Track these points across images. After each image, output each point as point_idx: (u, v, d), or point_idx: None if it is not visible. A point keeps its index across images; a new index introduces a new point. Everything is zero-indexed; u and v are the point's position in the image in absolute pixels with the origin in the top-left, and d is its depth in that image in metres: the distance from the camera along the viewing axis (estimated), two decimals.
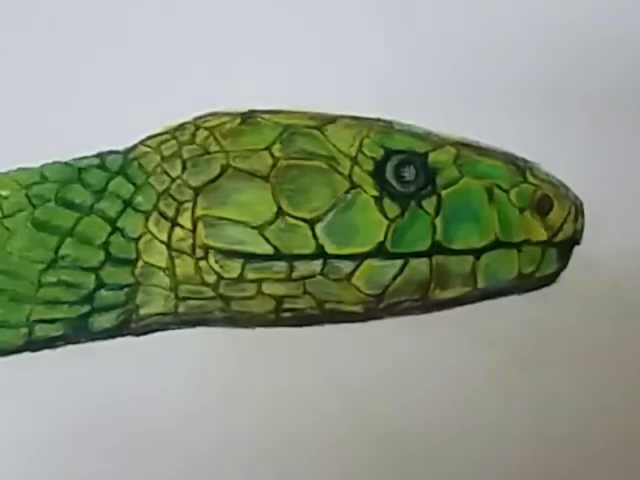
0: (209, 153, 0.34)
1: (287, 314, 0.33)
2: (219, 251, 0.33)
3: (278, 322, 0.33)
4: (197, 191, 0.33)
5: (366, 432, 0.33)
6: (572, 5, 0.35)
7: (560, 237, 0.34)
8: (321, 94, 0.34)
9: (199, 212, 0.33)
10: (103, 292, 0.33)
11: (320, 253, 0.32)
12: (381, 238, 0.33)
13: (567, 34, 0.35)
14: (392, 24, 0.34)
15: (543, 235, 0.33)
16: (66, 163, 0.34)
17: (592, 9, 0.35)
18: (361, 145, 0.33)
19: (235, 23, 0.35)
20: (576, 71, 0.35)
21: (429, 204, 0.33)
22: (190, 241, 0.33)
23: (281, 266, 0.33)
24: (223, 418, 0.33)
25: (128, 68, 0.35)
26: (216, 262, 0.33)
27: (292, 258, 0.32)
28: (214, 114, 0.35)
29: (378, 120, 0.34)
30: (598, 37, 0.35)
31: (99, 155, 0.34)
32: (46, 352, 0.34)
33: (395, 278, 0.33)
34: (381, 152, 0.33)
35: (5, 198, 0.34)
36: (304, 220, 0.32)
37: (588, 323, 0.34)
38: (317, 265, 0.32)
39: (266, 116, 0.34)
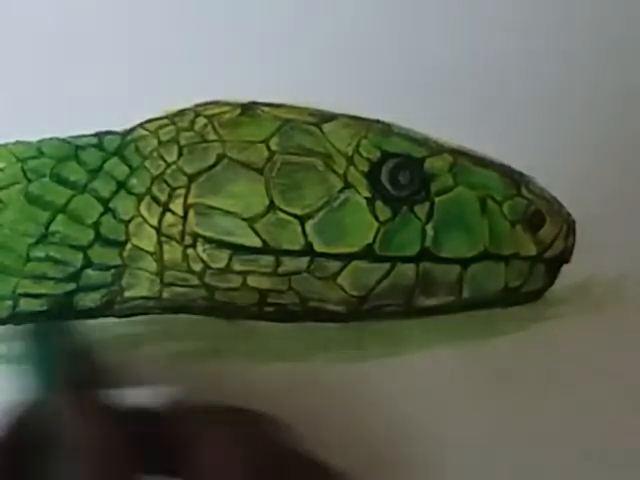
0: (206, 141, 0.34)
1: (270, 308, 0.33)
2: (208, 240, 0.33)
3: (260, 316, 0.33)
4: (191, 178, 0.33)
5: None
6: (576, 18, 0.35)
7: (549, 254, 0.34)
8: (322, 91, 0.34)
9: (191, 199, 0.33)
10: (90, 271, 0.33)
11: (308, 250, 0.32)
12: (370, 240, 0.33)
13: (570, 45, 0.35)
14: (395, 24, 0.34)
15: (532, 250, 0.33)
16: (64, 140, 0.34)
17: (594, 21, 0.35)
18: (358, 145, 0.33)
19: (238, 20, 0.35)
20: (578, 84, 0.34)
21: (421, 210, 0.33)
22: (180, 227, 0.33)
23: (268, 260, 0.33)
24: None
25: (133, 54, 0.35)
26: (204, 251, 0.33)
27: (280, 253, 0.33)
28: (215, 102, 0.35)
29: (377, 122, 0.34)
30: (600, 49, 0.35)
31: (97, 134, 0.34)
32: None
33: (380, 281, 0.33)
34: (377, 154, 0.33)
35: (0, 170, 0.34)
36: (295, 216, 0.33)
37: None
38: (304, 262, 0.33)
39: (266, 109, 0.34)
